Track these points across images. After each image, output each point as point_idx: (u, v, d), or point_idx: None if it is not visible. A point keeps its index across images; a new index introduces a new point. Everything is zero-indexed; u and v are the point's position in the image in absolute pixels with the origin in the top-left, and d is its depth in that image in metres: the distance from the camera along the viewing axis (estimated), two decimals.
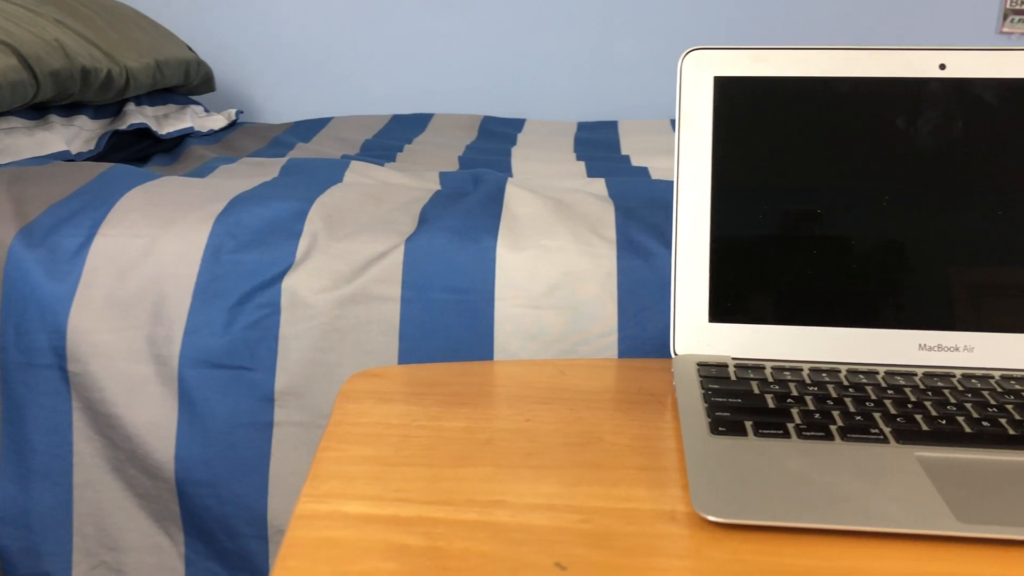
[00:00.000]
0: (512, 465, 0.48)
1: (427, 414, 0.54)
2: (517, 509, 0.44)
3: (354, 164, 0.99)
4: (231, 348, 0.75)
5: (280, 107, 1.98)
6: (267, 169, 1.05)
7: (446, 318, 0.73)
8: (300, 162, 1.07)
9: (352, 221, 0.79)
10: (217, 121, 1.54)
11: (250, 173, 1.02)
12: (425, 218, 0.79)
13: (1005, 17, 1.91)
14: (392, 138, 1.44)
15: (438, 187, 0.93)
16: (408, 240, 0.75)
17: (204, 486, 0.75)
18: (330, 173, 0.97)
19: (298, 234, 0.77)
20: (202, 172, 1.07)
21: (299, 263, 0.76)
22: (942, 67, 0.60)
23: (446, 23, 1.94)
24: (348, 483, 0.46)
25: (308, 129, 1.53)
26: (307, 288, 0.75)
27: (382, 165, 1.10)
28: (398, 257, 0.74)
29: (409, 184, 0.93)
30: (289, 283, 0.75)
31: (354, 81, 1.96)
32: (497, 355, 0.73)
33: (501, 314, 0.72)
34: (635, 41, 1.94)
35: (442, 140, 1.43)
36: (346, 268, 0.75)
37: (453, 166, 1.19)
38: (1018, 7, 1.89)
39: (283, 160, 1.10)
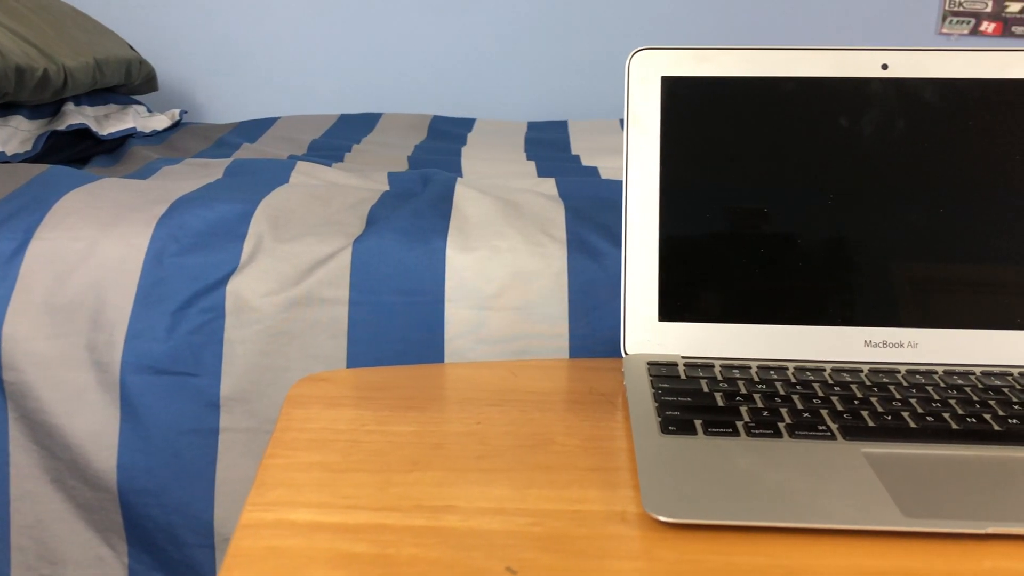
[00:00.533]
0: (463, 469, 0.47)
1: (376, 418, 0.53)
2: (467, 514, 0.43)
3: (300, 164, 0.98)
4: (175, 353, 0.73)
5: (225, 107, 1.94)
6: (211, 170, 1.03)
7: (395, 320, 0.72)
8: (245, 163, 1.05)
9: (298, 223, 0.77)
10: (160, 121, 1.51)
11: (193, 174, 1.00)
12: (373, 219, 0.78)
13: (944, 18, 1.95)
14: (340, 138, 1.42)
15: (386, 187, 0.92)
16: (356, 241, 0.74)
17: (148, 495, 0.74)
18: (276, 174, 0.95)
19: (243, 236, 0.76)
20: (144, 173, 1.04)
21: (244, 266, 0.74)
22: (884, 67, 0.61)
23: (394, 22, 1.92)
24: (295, 490, 0.45)
25: (254, 129, 1.50)
26: (252, 291, 0.73)
27: (329, 166, 1.08)
28: (346, 259, 0.73)
29: (357, 185, 0.92)
30: (234, 286, 0.74)
31: (301, 80, 1.94)
32: (448, 357, 0.72)
33: (451, 316, 0.72)
34: (585, 41, 1.94)
35: (391, 140, 1.42)
36: (292, 270, 0.74)
37: (402, 166, 1.18)
38: (956, 9, 1.94)
39: (228, 161, 1.08)
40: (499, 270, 0.72)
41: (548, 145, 1.41)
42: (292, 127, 1.52)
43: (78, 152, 1.30)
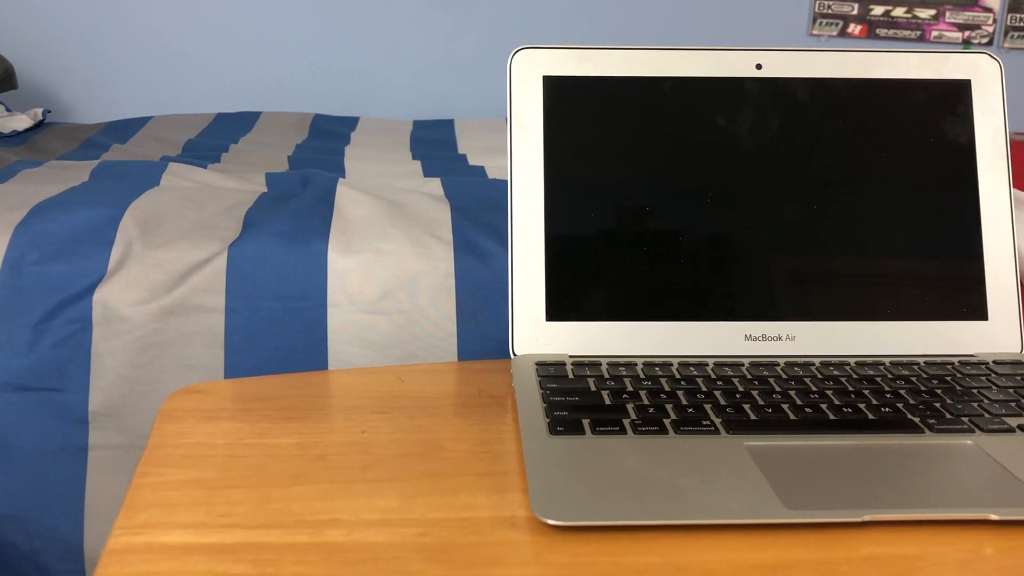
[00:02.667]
0: (347, 480, 0.46)
1: (255, 431, 0.51)
2: (352, 527, 0.42)
3: (172, 166, 0.93)
4: (37, 368, 0.69)
5: (94, 106, 1.85)
6: (75, 173, 0.97)
7: (275, 328, 0.69)
8: (112, 165, 1.00)
9: (170, 227, 0.74)
10: (21, 121, 1.43)
11: (56, 178, 0.95)
12: (250, 222, 0.76)
13: (814, 20, 2.03)
14: (216, 138, 1.37)
15: (264, 189, 0.89)
16: (232, 246, 0.71)
17: (10, 521, 0.69)
18: (146, 176, 0.91)
19: (110, 243, 0.72)
20: (1, 177, 0.98)
21: (112, 274, 0.70)
22: (758, 67, 0.63)
23: (274, 17, 1.87)
24: (167, 511, 0.43)
25: (124, 129, 1.43)
26: (121, 300, 0.69)
27: (205, 167, 1.04)
28: (221, 264, 0.70)
29: (233, 186, 0.89)
30: (101, 296, 0.70)
31: (175, 78, 1.86)
32: (331, 365, 0.70)
33: (334, 321, 0.70)
34: (472, 38, 1.94)
35: (270, 139, 1.38)
36: (164, 278, 0.70)
37: (282, 166, 1.15)
38: (825, 11, 2.02)
39: (94, 163, 1.02)
40: (383, 273, 0.71)
41: (434, 144, 1.39)
42: (166, 127, 1.46)
43: None
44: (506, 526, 0.42)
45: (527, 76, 0.62)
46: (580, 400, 0.53)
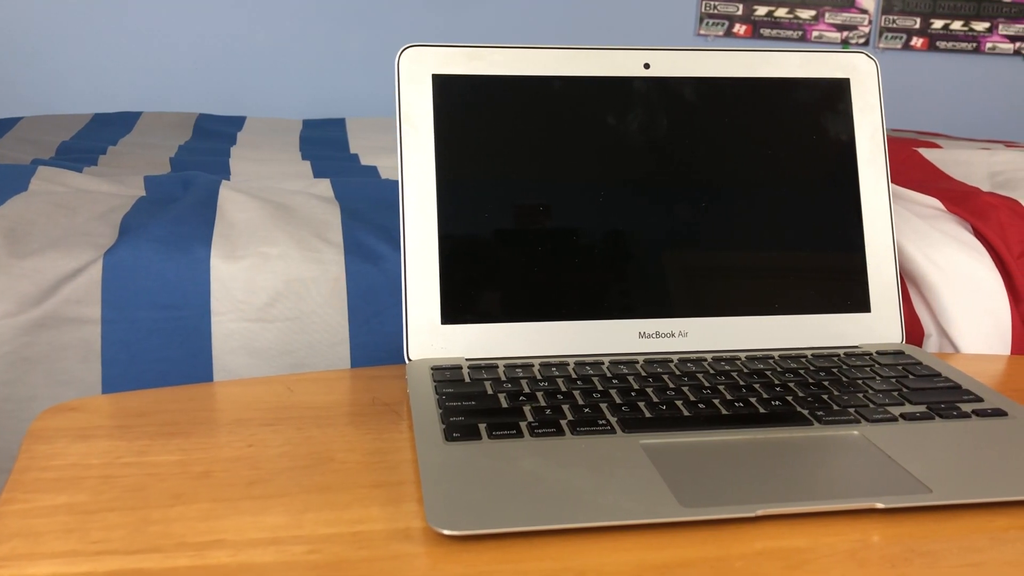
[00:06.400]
0: (232, 498, 0.44)
1: (134, 449, 0.48)
2: (237, 547, 0.40)
3: (42, 170, 0.88)
4: None
5: None
6: None
7: (156, 338, 0.66)
8: None
9: (39, 235, 0.70)
10: None
11: None
12: (127, 228, 0.72)
13: (701, 20, 2.08)
14: (93, 139, 1.31)
15: (142, 193, 0.85)
16: (107, 254, 0.68)
17: None
18: (13, 181, 0.85)
19: None
20: None
21: None
22: (647, 66, 0.63)
23: (154, 11, 1.80)
24: (34, 540, 0.40)
25: None
26: None
27: (79, 170, 0.98)
28: (96, 273, 0.67)
29: (108, 191, 0.84)
30: None
31: (48, 76, 1.77)
32: (217, 376, 0.67)
33: (219, 330, 0.67)
34: (363, 35, 1.91)
35: (151, 140, 1.32)
36: (34, 289, 0.66)
37: (164, 169, 1.10)
38: (711, 12, 2.07)
39: None
40: (270, 278, 0.68)
41: (325, 144, 1.36)
42: (37, 128, 1.38)
43: None
44: (400, 538, 0.41)
45: (416, 74, 0.60)
46: (476, 404, 0.52)
